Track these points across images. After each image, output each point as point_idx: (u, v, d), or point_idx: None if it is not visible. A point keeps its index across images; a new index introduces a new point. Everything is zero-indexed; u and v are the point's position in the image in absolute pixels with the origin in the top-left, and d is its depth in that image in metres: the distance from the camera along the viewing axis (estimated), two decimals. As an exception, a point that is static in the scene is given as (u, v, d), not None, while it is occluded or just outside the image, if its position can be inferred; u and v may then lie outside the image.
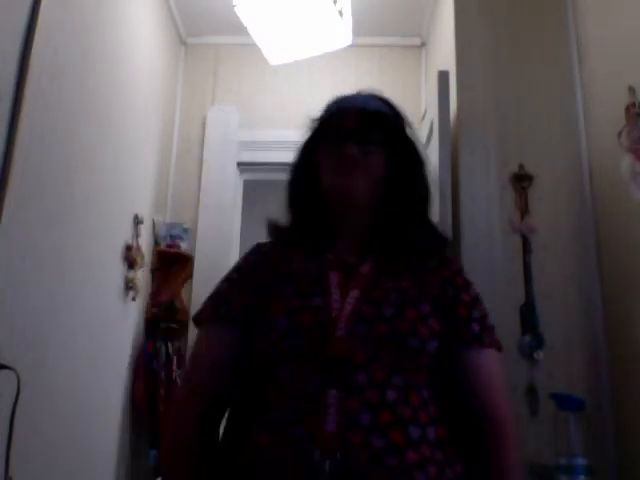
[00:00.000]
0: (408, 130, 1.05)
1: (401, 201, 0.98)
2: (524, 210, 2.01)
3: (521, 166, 2.05)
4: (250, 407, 0.84)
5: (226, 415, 0.91)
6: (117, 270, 2.29)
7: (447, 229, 1.87)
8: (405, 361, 0.83)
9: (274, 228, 1.04)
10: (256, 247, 1.04)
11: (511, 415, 0.89)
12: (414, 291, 0.90)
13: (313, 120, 1.06)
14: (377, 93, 1.05)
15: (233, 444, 0.83)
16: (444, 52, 2.47)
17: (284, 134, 2.91)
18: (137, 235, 2.46)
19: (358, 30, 2.66)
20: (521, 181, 2.04)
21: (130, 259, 2.37)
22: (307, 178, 1.03)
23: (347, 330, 0.82)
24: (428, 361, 0.85)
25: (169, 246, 2.81)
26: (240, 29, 2.54)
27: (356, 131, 0.97)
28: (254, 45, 2.62)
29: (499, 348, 0.94)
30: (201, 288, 2.82)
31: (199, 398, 0.89)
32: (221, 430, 0.90)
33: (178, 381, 2.57)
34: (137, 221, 2.47)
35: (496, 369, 0.93)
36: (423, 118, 2.55)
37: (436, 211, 1.76)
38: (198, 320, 0.97)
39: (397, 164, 0.99)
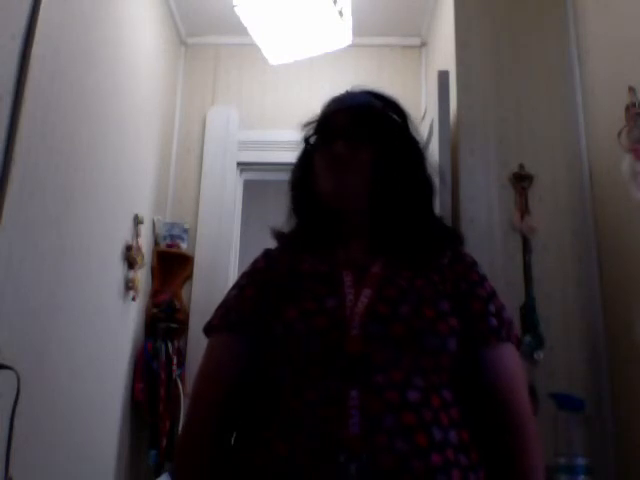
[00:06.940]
0: (405, 123, 1.02)
1: (398, 197, 0.96)
2: (524, 210, 2.01)
3: (521, 166, 2.05)
4: (264, 414, 0.83)
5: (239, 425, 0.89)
6: (117, 270, 2.29)
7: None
8: (425, 362, 0.81)
9: (279, 234, 1.03)
10: (264, 252, 1.02)
11: (533, 416, 0.87)
12: (430, 289, 0.88)
13: (308, 123, 1.04)
14: (369, 89, 1.03)
15: (247, 453, 0.82)
16: (444, 52, 2.47)
17: (284, 134, 2.91)
18: (137, 235, 2.46)
19: (358, 30, 2.66)
20: (521, 181, 2.04)
21: (130, 259, 2.37)
22: (307, 182, 1.01)
23: (361, 329, 0.81)
24: (449, 361, 0.83)
25: (169, 246, 2.81)
26: (240, 29, 2.54)
27: (344, 129, 0.96)
28: (254, 45, 2.62)
29: (517, 342, 0.91)
30: (201, 288, 2.82)
31: (210, 409, 0.87)
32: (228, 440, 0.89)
33: (178, 381, 2.58)
34: (137, 221, 2.47)
35: (516, 366, 0.90)
36: (423, 118, 2.55)
37: (436, 211, 1.76)
38: (208, 329, 0.95)
39: (390, 159, 0.96)
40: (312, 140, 1.03)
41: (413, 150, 1.01)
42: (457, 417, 0.81)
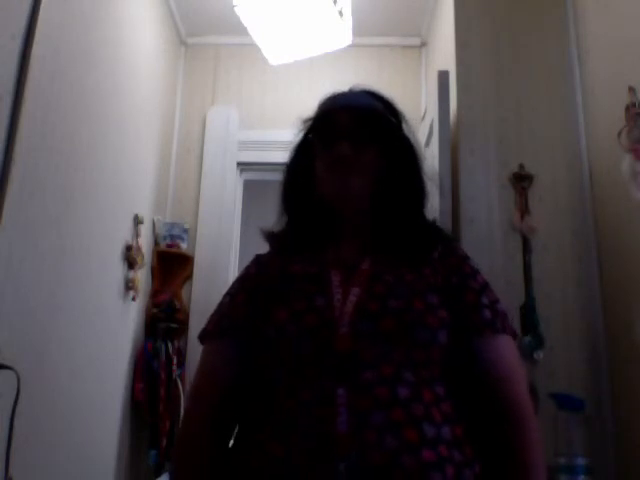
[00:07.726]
0: (404, 126, 1.03)
1: (396, 199, 0.97)
2: (524, 210, 2.01)
3: (521, 166, 2.05)
4: (259, 416, 0.83)
5: (236, 429, 0.90)
6: (117, 270, 2.29)
7: (447, 229, 1.87)
8: (416, 355, 0.81)
9: (271, 236, 1.03)
10: (255, 258, 1.03)
11: (532, 408, 0.85)
12: (420, 282, 0.88)
13: (306, 120, 1.05)
14: (370, 89, 1.04)
15: (243, 455, 0.82)
16: (444, 52, 2.47)
17: (284, 134, 2.87)
18: (137, 235, 2.46)
19: (358, 30, 2.66)
20: (521, 181, 2.04)
21: (130, 259, 2.37)
22: (302, 180, 1.01)
23: (351, 327, 0.81)
24: (440, 354, 0.83)
25: (169, 246, 2.81)
26: (240, 29, 2.54)
27: (348, 130, 0.96)
28: (254, 45, 2.62)
29: (513, 334, 0.90)
30: (201, 288, 2.82)
31: (207, 409, 0.88)
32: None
33: (178, 381, 2.58)
34: (137, 221, 2.47)
35: (513, 358, 0.88)
36: (423, 118, 2.55)
37: (436, 211, 1.76)
38: (203, 335, 0.96)
39: (392, 161, 0.97)
40: (310, 137, 1.03)
41: (411, 151, 1.01)
42: (450, 412, 0.80)
